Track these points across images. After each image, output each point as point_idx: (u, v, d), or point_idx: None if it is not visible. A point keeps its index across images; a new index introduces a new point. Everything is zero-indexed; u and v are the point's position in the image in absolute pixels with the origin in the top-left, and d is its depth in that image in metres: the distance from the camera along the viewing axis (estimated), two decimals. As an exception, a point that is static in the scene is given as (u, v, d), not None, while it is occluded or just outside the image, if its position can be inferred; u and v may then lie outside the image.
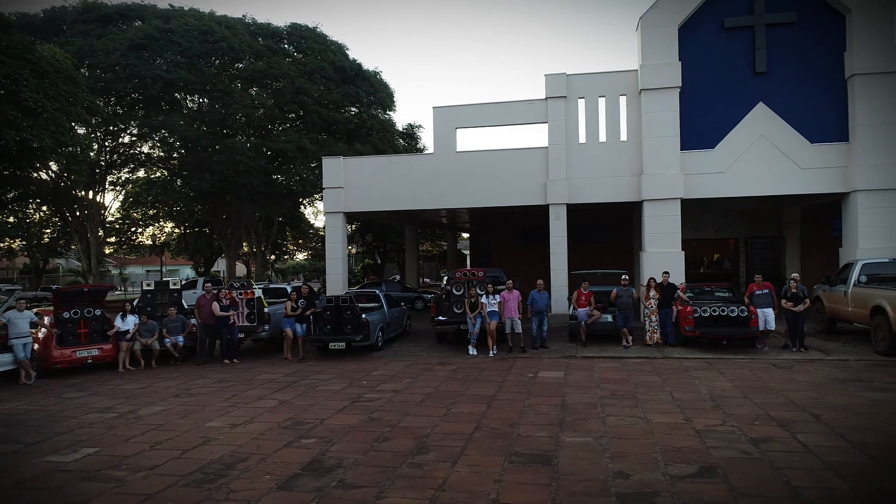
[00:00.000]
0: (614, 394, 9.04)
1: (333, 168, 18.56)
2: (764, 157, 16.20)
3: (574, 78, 17.23)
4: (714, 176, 16.46)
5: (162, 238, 38.80)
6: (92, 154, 23.03)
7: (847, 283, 13.01)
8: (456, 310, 13.61)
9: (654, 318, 13.10)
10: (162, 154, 30.12)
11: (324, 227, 41.27)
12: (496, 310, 12.89)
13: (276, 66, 23.18)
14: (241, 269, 48.02)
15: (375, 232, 39.38)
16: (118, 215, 35.35)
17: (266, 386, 10.31)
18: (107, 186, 30.63)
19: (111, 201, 33.69)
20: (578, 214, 21.62)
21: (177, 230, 39.52)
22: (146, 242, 37.75)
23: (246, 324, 13.29)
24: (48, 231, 37.75)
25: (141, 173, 32.46)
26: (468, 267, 26.36)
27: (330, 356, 13.18)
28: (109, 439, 7.42)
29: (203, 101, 25.65)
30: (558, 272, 17.15)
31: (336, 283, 18.50)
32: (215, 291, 12.93)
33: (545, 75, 17.25)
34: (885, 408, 7.85)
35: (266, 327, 13.32)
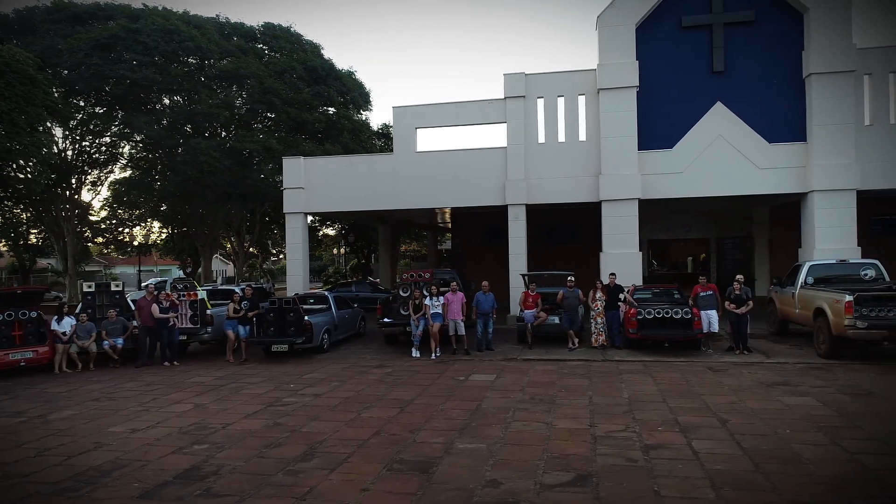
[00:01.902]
0: (534, 398, 8.91)
1: (294, 168, 18.44)
2: (722, 158, 16.05)
3: (533, 77, 17.08)
4: (672, 176, 16.31)
5: (141, 238, 38.52)
6: (55, 153, 22.88)
7: (795, 285, 12.88)
8: (402, 311, 13.48)
9: (599, 319, 12.97)
10: (145, 154, 29.98)
11: (309, 226, 41.15)
12: (440, 311, 12.76)
13: (245, 65, 23.05)
14: (230, 269, 47.93)
15: (357, 232, 39.27)
16: (104, 214, 35.11)
17: (191, 389, 10.18)
18: (85, 186, 30.48)
19: (91, 200, 33.25)
20: (549, 215, 21.52)
21: (164, 230, 39.37)
22: (131, 241, 37.51)
23: (189, 325, 13.17)
24: (35, 231, 37.61)
25: (126, 173, 32.27)
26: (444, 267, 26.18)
27: (273, 358, 13.06)
28: (3, 444, 7.30)
29: (177, 100, 25.52)
30: (517, 274, 16.97)
31: (296, 283, 18.37)
32: (156, 293, 12.83)
33: (504, 75, 17.11)
34: (796, 412, 7.71)
35: (209, 329, 13.20)
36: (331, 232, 46.25)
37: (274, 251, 50.34)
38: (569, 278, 13.27)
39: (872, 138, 15.47)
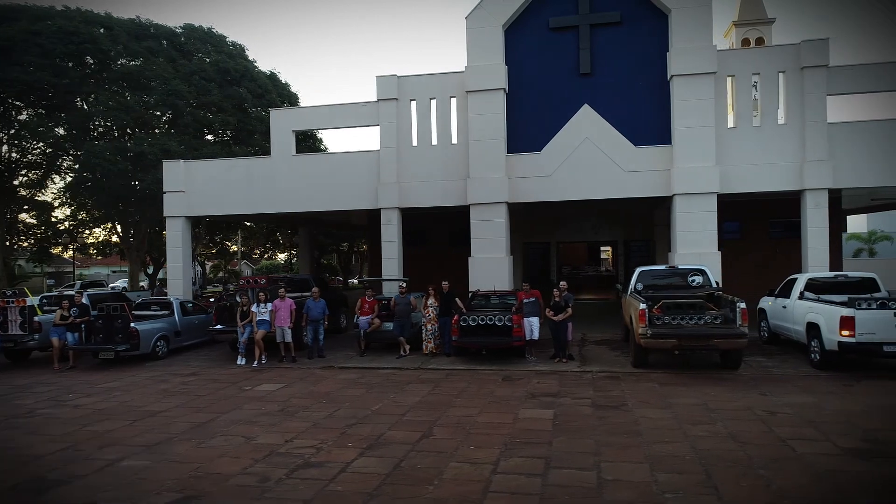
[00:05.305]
0: (284, 410, 8.74)
1: (173, 171, 18.24)
2: (589, 161, 15.81)
3: (405, 79, 16.87)
4: (540, 179, 16.07)
5: (89, 239, 38.31)
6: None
7: (628, 291, 12.69)
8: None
9: (430, 326, 12.78)
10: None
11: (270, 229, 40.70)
12: (266, 318, 12.60)
13: (150, 67, 22.86)
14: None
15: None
16: (61, 216, 34.72)
17: (-32, 399, 10.03)
18: (22, 188, 30.23)
19: (30, 196, 32.48)
20: (452, 219, 21.19)
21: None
22: (64, 242, 37.31)
23: (18, 332, 13.02)
24: None
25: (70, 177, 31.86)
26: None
27: (101, 366, 12.90)
28: None
29: (78, 102, 25.20)
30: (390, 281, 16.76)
31: (177, 288, 18.17)
32: (-20, 300, 12.69)
33: (376, 77, 16.90)
34: (517, 426, 7.55)
35: (36, 336, 13.04)
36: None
37: (233, 250, 50.20)
38: (400, 284, 13.09)
39: (736, 141, 15.25)
